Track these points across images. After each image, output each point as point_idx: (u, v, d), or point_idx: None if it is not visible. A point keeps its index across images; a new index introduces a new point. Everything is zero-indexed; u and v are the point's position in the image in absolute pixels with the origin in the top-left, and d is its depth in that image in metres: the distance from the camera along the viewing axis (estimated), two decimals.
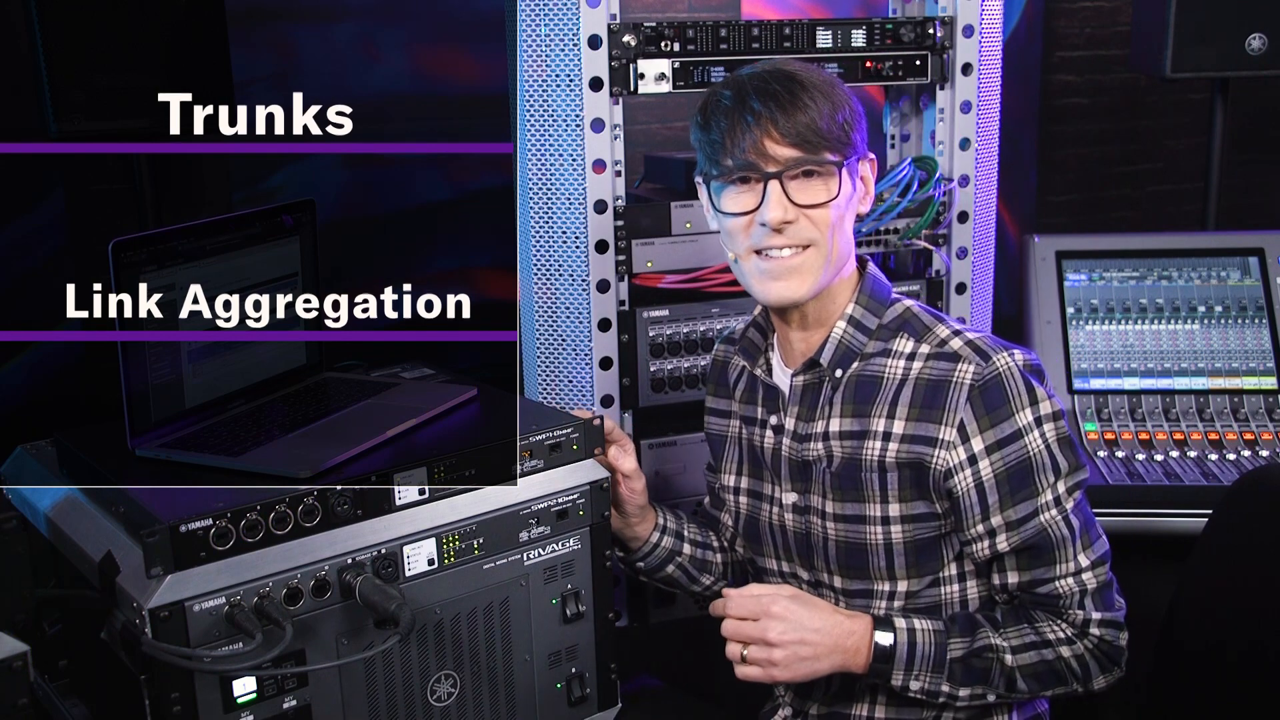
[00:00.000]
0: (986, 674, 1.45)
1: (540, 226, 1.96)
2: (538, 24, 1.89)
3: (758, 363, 1.64)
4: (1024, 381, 1.45)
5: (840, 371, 1.53)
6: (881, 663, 1.44)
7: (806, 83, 1.45)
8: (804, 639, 1.42)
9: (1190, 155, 3.67)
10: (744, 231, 1.48)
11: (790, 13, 3.36)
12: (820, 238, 1.47)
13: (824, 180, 1.46)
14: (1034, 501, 1.45)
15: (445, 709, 1.52)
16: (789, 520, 1.59)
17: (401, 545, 1.46)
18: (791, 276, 1.48)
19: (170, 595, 1.29)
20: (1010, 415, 1.44)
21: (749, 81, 1.46)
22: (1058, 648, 1.46)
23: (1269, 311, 2.37)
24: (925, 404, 1.47)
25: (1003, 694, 1.47)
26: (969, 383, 1.45)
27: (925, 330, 1.52)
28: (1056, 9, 3.71)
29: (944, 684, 1.44)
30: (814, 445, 1.54)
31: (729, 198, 1.49)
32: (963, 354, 1.47)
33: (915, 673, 1.44)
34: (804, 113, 1.43)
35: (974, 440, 1.44)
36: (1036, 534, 1.45)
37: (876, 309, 1.54)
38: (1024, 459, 1.45)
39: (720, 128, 1.46)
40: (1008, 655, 1.45)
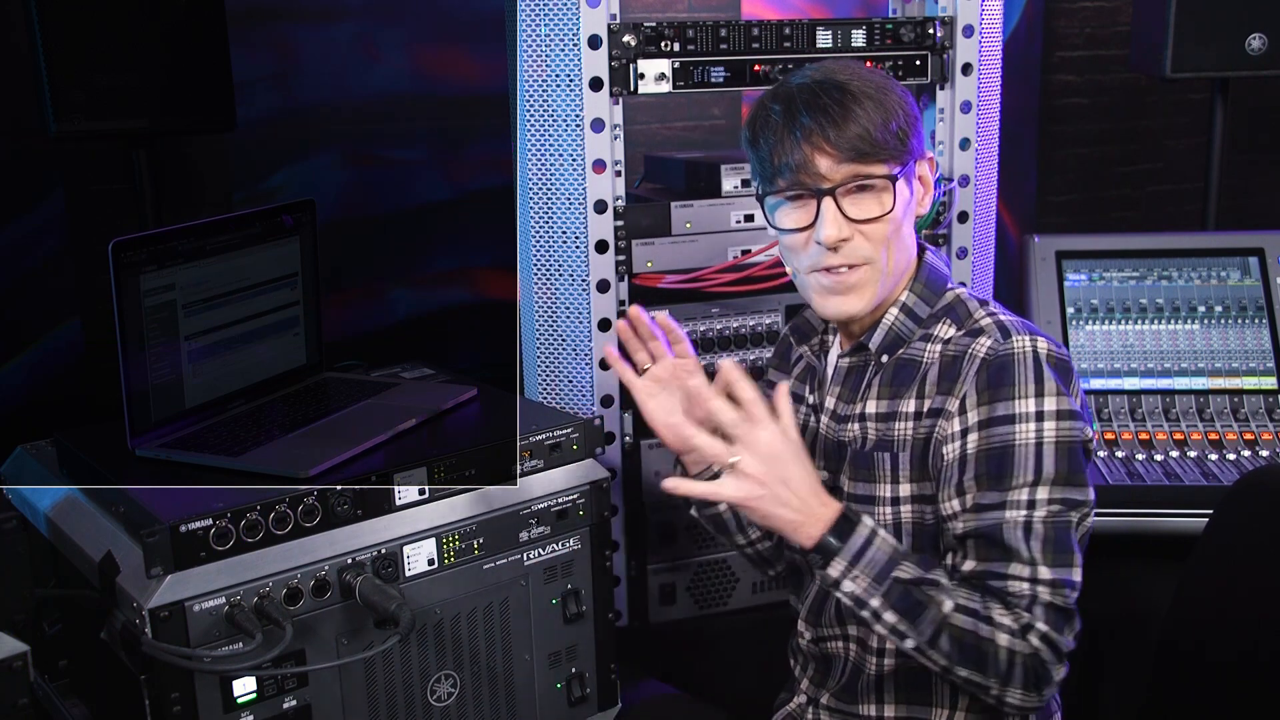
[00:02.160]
0: (920, 610, 1.35)
1: (540, 226, 1.96)
2: (538, 24, 1.89)
3: (810, 342, 1.64)
4: (1036, 370, 1.40)
5: (886, 356, 1.53)
6: (830, 541, 1.35)
7: (858, 92, 1.41)
8: (788, 479, 1.35)
9: (1190, 155, 3.67)
10: (803, 249, 1.47)
11: (790, 13, 3.36)
12: (875, 254, 1.45)
13: (878, 194, 1.44)
14: (1003, 495, 1.38)
15: (445, 709, 1.52)
16: None
17: (401, 545, 1.46)
18: (849, 293, 1.47)
19: (170, 595, 1.29)
20: (1010, 398, 1.39)
21: (799, 94, 1.43)
22: (997, 631, 1.34)
23: (1269, 311, 2.37)
24: (945, 377, 1.45)
25: (922, 645, 1.35)
26: (981, 356, 1.42)
27: (967, 316, 1.50)
28: (1056, 9, 3.71)
29: (876, 597, 1.35)
30: (851, 426, 1.54)
31: (783, 214, 1.47)
32: (986, 329, 1.45)
33: (855, 572, 1.35)
34: (855, 124, 1.40)
35: (970, 413, 1.41)
36: (990, 526, 1.38)
37: (930, 298, 1.53)
38: (1008, 445, 1.38)
39: (769, 144, 1.44)
40: (948, 604, 1.35)
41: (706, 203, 2.06)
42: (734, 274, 2.02)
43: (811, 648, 1.61)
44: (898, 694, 1.52)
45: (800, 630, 1.63)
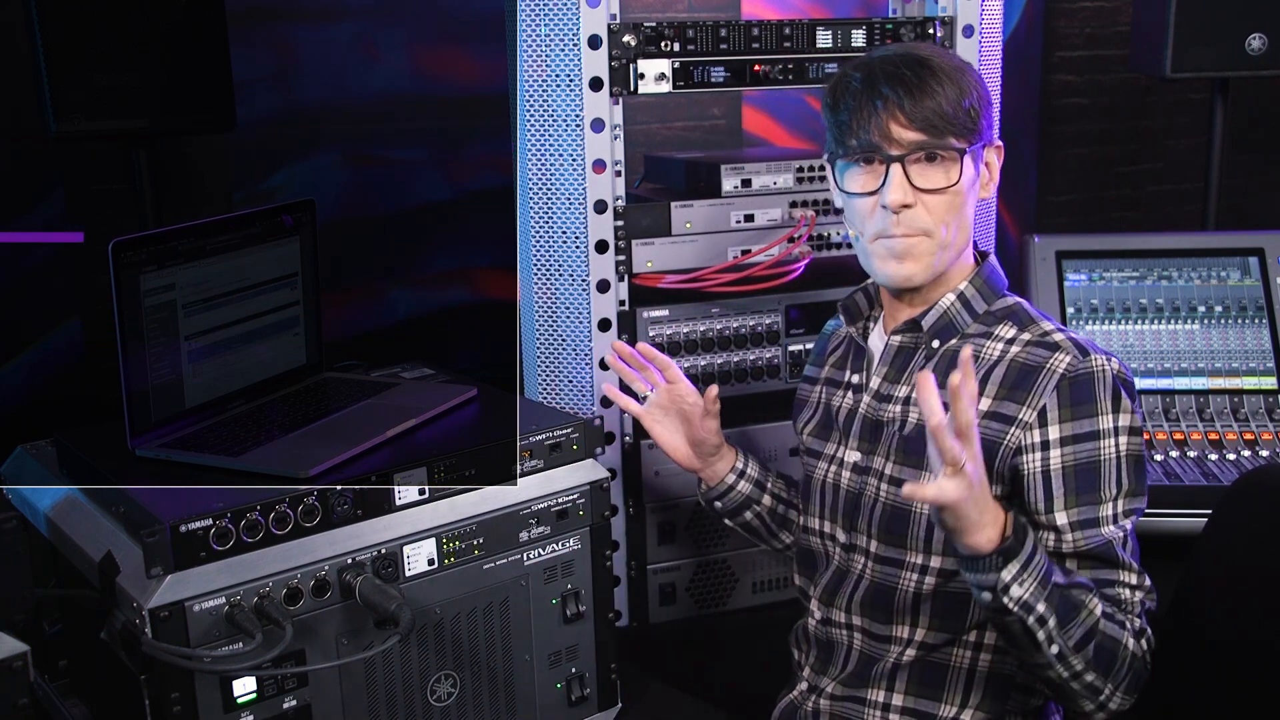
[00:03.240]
0: (1075, 613, 1.36)
1: (540, 226, 1.96)
2: (538, 24, 1.89)
3: (856, 324, 1.66)
4: (1115, 387, 1.44)
5: (938, 343, 1.54)
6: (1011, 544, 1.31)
7: (936, 68, 1.47)
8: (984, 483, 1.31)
9: (1190, 155, 3.67)
10: (869, 214, 1.51)
11: (790, 13, 3.36)
12: (935, 226, 1.49)
13: (945, 166, 1.48)
14: (1097, 508, 1.43)
15: (445, 709, 1.52)
16: (845, 479, 1.59)
17: (401, 545, 1.46)
18: (906, 257, 1.50)
19: (170, 595, 1.29)
20: (1094, 414, 1.44)
21: (879, 65, 1.49)
22: (1128, 635, 1.40)
23: (1269, 311, 2.37)
24: (1014, 385, 1.47)
25: (1067, 651, 1.35)
26: (1061, 371, 1.45)
27: (1030, 322, 1.53)
28: (1056, 9, 3.71)
29: (1041, 601, 1.33)
30: (892, 407, 1.55)
31: (852, 178, 1.52)
32: (1063, 345, 1.47)
33: (1024, 576, 1.32)
34: (931, 98, 1.45)
35: (1051, 427, 1.44)
36: (1102, 545, 1.43)
37: (988, 295, 1.56)
38: (1095, 461, 1.43)
39: (848, 109, 1.49)
40: (1099, 608, 1.37)
41: (706, 203, 2.06)
42: (734, 274, 2.02)
43: (819, 630, 1.62)
44: (909, 685, 1.53)
45: (811, 610, 1.64)
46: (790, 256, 2.04)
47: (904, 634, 1.53)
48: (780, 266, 2.04)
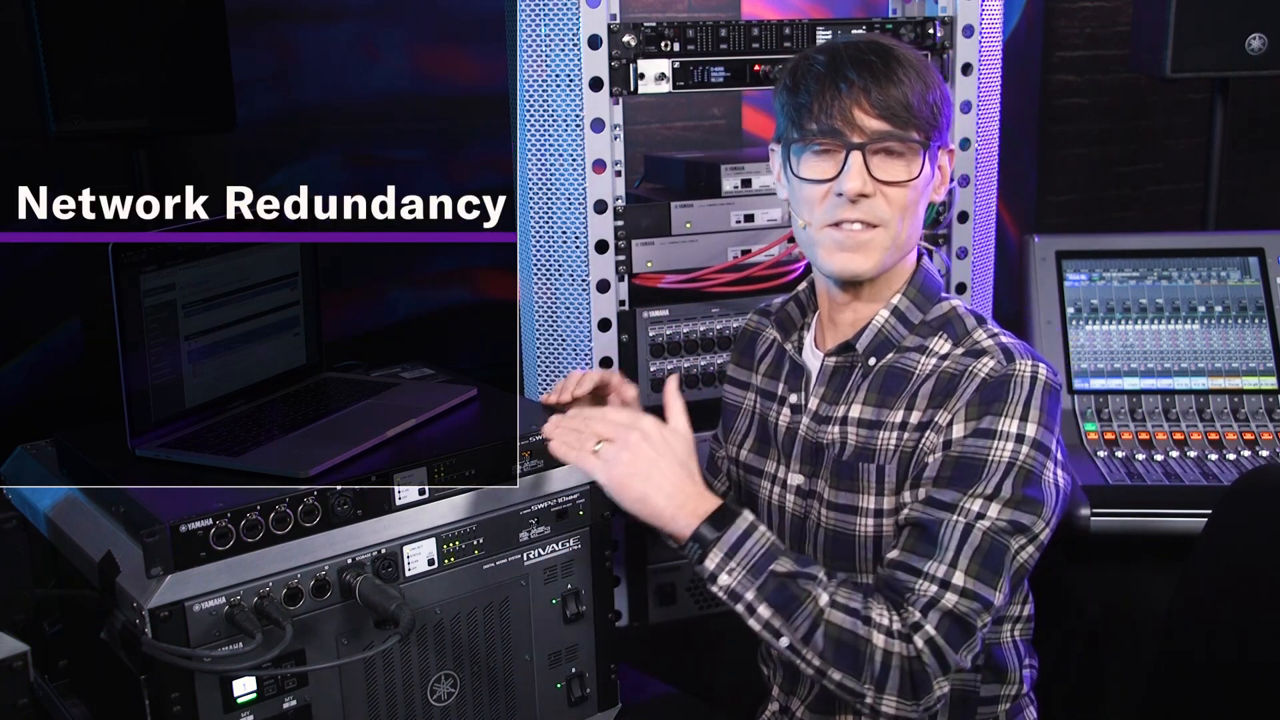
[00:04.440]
0: (796, 604, 1.33)
1: (540, 226, 1.96)
2: (538, 24, 1.89)
3: (790, 337, 1.62)
4: (1028, 394, 1.40)
5: (874, 360, 1.51)
6: (705, 532, 1.35)
7: (903, 58, 1.44)
8: (658, 461, 1.37)
9: (1190, 155, 3.67)
10: (820, 201, 1.46)
11: (790, 13, 3.36)
12: (891, 219, 1.45)
13: (906, 160, 1.44)
14: (959, 497, 1.38)
15: (445, 709, 1.52)
16: (789, 502, 1.58)
17: (401, 545, 1.46)
18: (859, 249, 1.45)
19: (170, 595, 1.29)
20: (998, 414, 1.40)
21: (844, 50, 1.45)
22: (874, 631, 1.32)
23: (1269, 311, 2.37)
24: (941, 393, 1.45)
25: (796, 644, 1.34)
26: (983, 375, 1.42)
27: (965, 334, 1.50)
28: (1056, 9, 3.71)
29: (751, 590, 1.34)
30: (831, 429, 1.52)
31: (808, 163, 1.47)
32: (989, 350, 1.45)
33: (731, 564, 1.34)
34: (897, 87, 1.41)
35: (956, 426, 1.41)
36: (931, 521, 1.38)
37: (923, 304, 1.53)
38: (981, 458, 1.39)
39: (810, 91, 1.44)
40: (825, 598, 1.33)
41: (706, 203, 2.06)
42: (734, 274, 2.02)
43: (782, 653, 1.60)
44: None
45: None
46: (790, 256, 2.04)
47: None
48: (780, 266, 2.04)
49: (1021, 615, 1.58)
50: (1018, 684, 1.57)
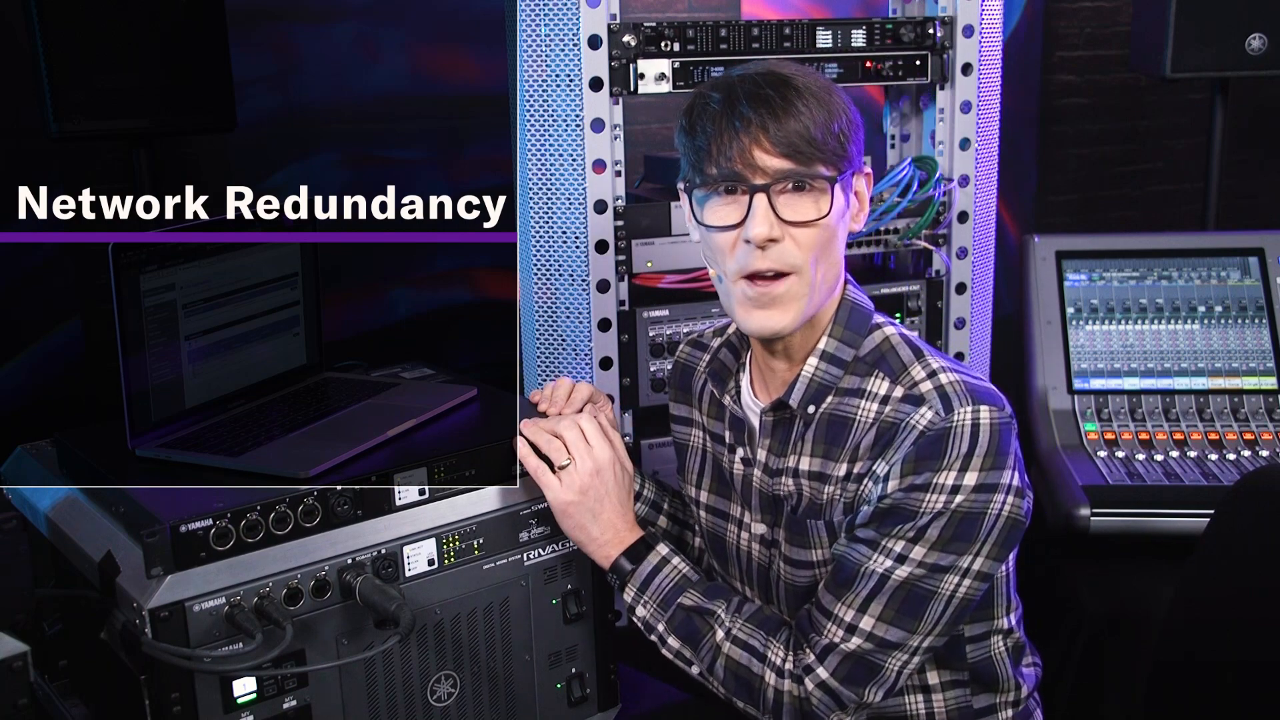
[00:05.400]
0: (698, 638, 1.44)
1: (540, 226, 1.96)
2: (538, 24, 1.89)
3: (727, 388, 1.56)
4: (968, 447, 1.33)
5: (813, 408, 1.44)
6: (623, 564, 1.47)
7: (801, 88, 1.34)
8: (605, 497, 1.47)
9: (1190, 155, 3.68)
10: (729, 250, 1.38)
11: (790, 13, 3.36)
12: (803, 263, 1.36)
13: (814, 196, 1.35)
14: (879, 537, 1.35)
15: (445, 709, 1.52)
16: (755, 551, 1.55)
17: (401, 545, 1.46)
18: (774, 306, 1.38)
19: (170, 595, 1.29)
20: (934, 470, 1.33)
21: (739, 84, 1.35)
22: (767, 669, 1.39)
23: (1269, 311, 2.37)
24: (880, 444, 1.38)
25: (704, 672, 1.45)
26: (920, 428, 1.34)
27: (902, 370, 1.41)
28: (1056, 9, 3.71)
29: (661, 622, 1.45)
30: (785, 480, 1.47)
31: (712, 209, 1.38)
32: (928, 399, 1.36)
33: (644, 598, 1.46)
34: (797, 120, 1.32)
35: (891, 481, 1.36)
36: (853, 561, 1.36)
37: (853, 339, 1.44)
38: (911, 509, 1.34)
39: (706, 133, 1.35)
40: (721, 633, 1.42)
41: None
42: None
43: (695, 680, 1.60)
44: None
45: None
46: None
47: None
48: None
49: (1007, 627, 1.54)
50: (1014, 689, 1.55)
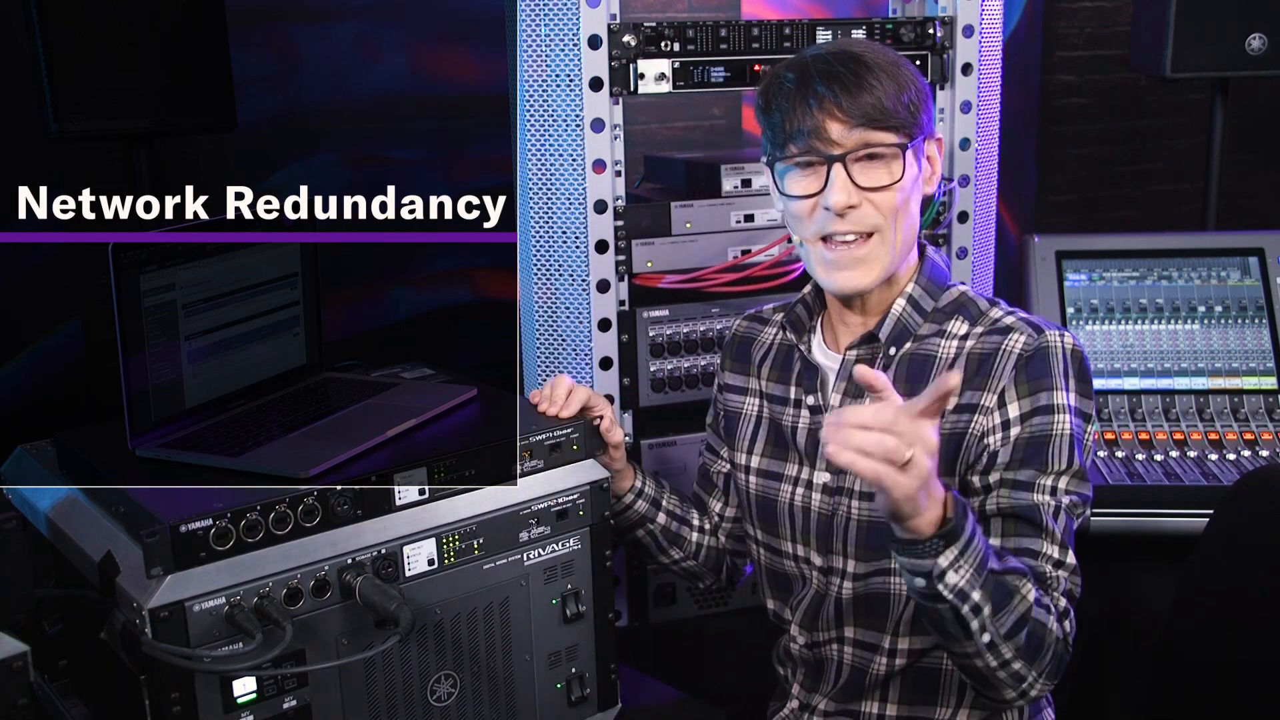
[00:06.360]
0: (1008, 600, 1.30)
1: (540, 226, 1.96)
2: (538, 24, 1.89)
3: (801, 338, 1.62)
4: (1065, 364, 1.44)
5: (895, 349, 1.52)
6: (952, 526, 1.24)
7: (871, 63, 1.43)
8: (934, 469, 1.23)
9: (1190, 155, 3.67)
10: (809, 216, 1.47)
11: (790, 13, 3.36)
12: (884, 223, 1.45)
13: (888, 163, 1.45)
14: (1036, 476, 1.41)
15: (445, 709, 1.52)
16: (815, 501, 1.57)
17: (401, 545, 1.46)
18: (857, 266, 1.47)
19: (170, 595, 1.29)
20: (1050, 389, 1.43)
21: (813, 64, 1.45)
22: (1052, 620, 1.33)
23: (1269, 311, 2.37)
24: (973, 374, 1.46)
25: (998, 640, 1.29)
26: (1018, 351, 1.45)
27: (980, 314, 1.52)
28: (1056, 9, 3.71)
29: (977, 590, 1.27)
30: None
31: (792, 181, 1.48)
32: (1016, 327, 1.47)
33: (961, 562, 1.25)
34: (869, 94, 1.41)
35: (1010, 406, 1.43)
36: (1028, 507, 1.40)
37: (934, 291, 1.54)
38: (1047, 435, 1.42)
39: (782, 110, 1.45)
40: (1031, 594, 1.31)
41: (706, 203, 2.06)
42: (734, 274, 2.02)
43: (805, 652, 1.61)
44: (903, 693, 1.52)
45: (793, 635, 1.63)
46: (790, 256, 2.04)
47: (893, 644, 1.51)
48: (780, 266, 2.04)
49: None
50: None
